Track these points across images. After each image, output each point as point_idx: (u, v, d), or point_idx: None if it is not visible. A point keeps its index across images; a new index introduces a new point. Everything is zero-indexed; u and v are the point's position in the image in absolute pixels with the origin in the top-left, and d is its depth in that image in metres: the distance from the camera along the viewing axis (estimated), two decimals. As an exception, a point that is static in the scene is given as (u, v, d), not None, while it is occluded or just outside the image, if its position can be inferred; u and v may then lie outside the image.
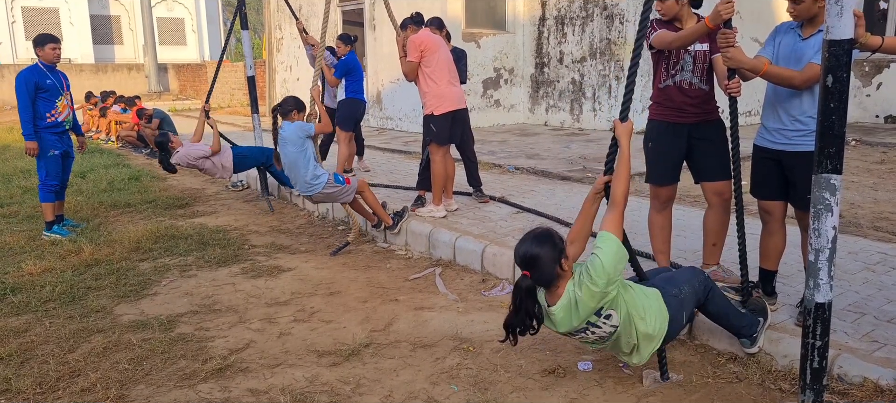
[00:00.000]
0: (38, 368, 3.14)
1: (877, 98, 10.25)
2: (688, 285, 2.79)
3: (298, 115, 4.89)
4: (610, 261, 2.50)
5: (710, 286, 2.86)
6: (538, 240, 2.52)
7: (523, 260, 2.53)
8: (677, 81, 3.34)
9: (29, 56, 23.75)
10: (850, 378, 2.66)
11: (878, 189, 6.00)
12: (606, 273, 2.49)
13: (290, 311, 3.86)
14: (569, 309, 2.56)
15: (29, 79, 5.29)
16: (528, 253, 2.51)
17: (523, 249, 2.54)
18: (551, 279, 2.54)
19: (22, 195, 7.19)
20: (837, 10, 2.08)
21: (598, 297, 2.52)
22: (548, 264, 2.49)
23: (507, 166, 7.39)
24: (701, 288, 2.82)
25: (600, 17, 10.31)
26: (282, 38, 15.24)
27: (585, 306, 2.53)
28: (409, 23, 5.45)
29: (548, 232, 2.55)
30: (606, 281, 2.50)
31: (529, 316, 2.52)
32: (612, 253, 2.52)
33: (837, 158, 2.20)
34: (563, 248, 2.53)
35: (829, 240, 2.25)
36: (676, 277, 2.85)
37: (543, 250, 2.49)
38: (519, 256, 2.55)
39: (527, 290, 2.51)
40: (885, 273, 3.72)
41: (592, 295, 2.51)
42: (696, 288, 2.81)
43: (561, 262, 2.51)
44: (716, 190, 3.41)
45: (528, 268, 2.52)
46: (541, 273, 2.52)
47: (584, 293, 2.51)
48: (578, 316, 2.56)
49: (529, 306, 2.51)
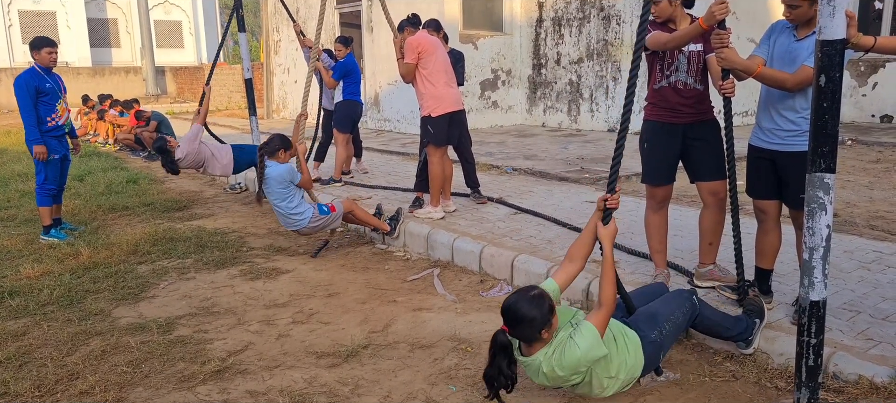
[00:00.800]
0: (37, 371, 3.15)
1: (873, 98, 10.29)
2: (670, 323, 2.81)
3: (284, 155, 4.81)
4: (583, 356, 2.50)
5: (697, 311, 2.89)
6: (530, 303, 2.49)
7: (509, 316, 2.51)
8: (672, 82, 3.36)
9: (26, 60, 23.73)
10: (846, 376, 2.68)
11: (874, 188, 6.03)
12: (576, 367, 2.52)
13: (289, 313, 3.87)
14: (536, 369, 2.58)
15: (29, 82, 5.26)
16: (516, 312, 2.49)
17: (513, 306, 2.51)
18: (530, 341, 2.55)
19: (19, 198, 7.19)
20: (830, 10, 2.10)
21: (560, 380, 2.57)
22: (531, 329, 2.49)
23: (505, 167, 7.41)
24: (687, 317, 2.87)
25: (597, 18, 10.34)
26: (279, 41, 15.25)
27: (552, 375, 2.55)
28: (406, 25, 5.47)
29: (541, 297, 2.52)
30: (572, 372, 2.53)
31: (502, 374, 2.49)
32: (587, 350, 2.51)
33: (831, 157, 2.22)
34: (550, 318, 2.51)
35: (824, 239, 2.26)
36: (660, 313, 2.85)
37: (532, 314, 2.47)
38: (506, 310, 2.52)
39: (501, 346, 2.50)
40: (881, 271, 3.73)
41: (556, 377, 2.55)
42: (680, 321, 2.84)
43: (542, 332, 2.50)
44: (711, 189, 3.43)
45: (510, 325, 2.51)
46: (521, 333, 2.53)
47: (547, 370, 2.53)
48: (545, 380, 2.59)
49: (502, 364, 2.49)
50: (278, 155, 4.78)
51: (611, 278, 2.64)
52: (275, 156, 4.77)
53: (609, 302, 2.61)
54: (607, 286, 2.63)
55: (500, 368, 2.49)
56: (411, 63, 5.10)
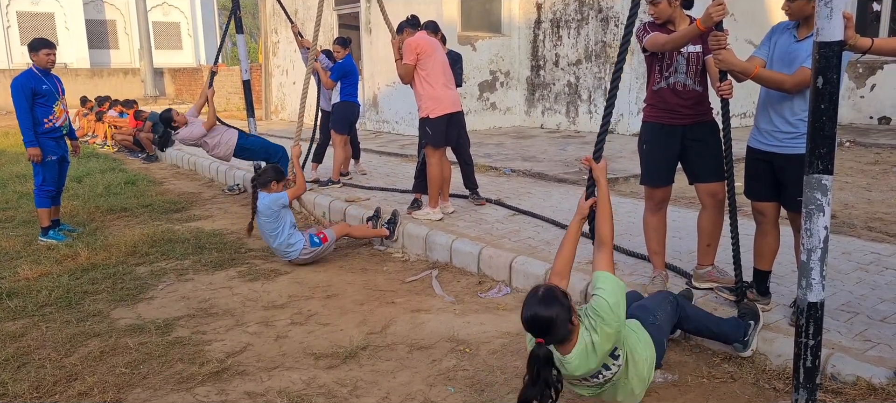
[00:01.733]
0: (35, 372, 3.14)
1: (871, 99, 10.31)
2: (661, 310, 2.80)
3: (277, 186, 4.81)
4: (615, 300, 2.41)
5: (679, 306, 2.89)
6: (547, 302, 2.32)
7: (535, 326, 2.33)
8: (671, 83, 3.36)
9: (24, 61, 23.71)
10: (844, 377, 2.68)
11: (872, 189, 6.04)
12: (615, 312, 2.40)
13: (287, 314, 3.86)
14: (585, 354, 2.42)
15: (25, 84, 5.26)
16: (540, 317, 2.31)
17: (534, 314, 2.33)
18: (566, 337, 2.39)
19: (18, 200, 7.18)
20: (827, 11, 2.10)
21: (614, 337, 2.43)
22: (562, 324, 2.33)
23: (503, 169, 7.41)
24: (672, 311, 2.86)
25: (595, 19, 10.35)
26: (278, 42, 15.25)
27: (602, 348, 2.41)
28: (405, 26, 5.47)
29: (553, 292, 2.37)
30: (618, 320, 2.41)
31: (548, 385, 2.30)
32: (615, 291, 2.43)
33: (828, 159, 2.22)
34: (570, 304, 2.38)
35: (821, 240, 2.27)
36: (648, 305, 2.85)
37: (554, 311, 2.32)
38: (529, 322, 2.34)
39: (545, 359, 2.30)
40: (879, 273, 3.74)
41: (608, 336, 2.41)
42: (668, 313, 2.83)
43: (572, 318, 2.36)
44: (710, 191, 3.43)
45: (542, 334, 2.32)
46: (555, 335, 2.36)
47: (600, 336, 2.39)
48: (596, 359, 2.43)
49: (547, 375, 2.30)
50: (270, 186, 4.78)
51: (608, 215, 2.65)
52: (267, 187, 4.78)
53: (609, 239, 2.61)
54: (607, 223, 2.63)
55: (547, 381, 2.31)
56: (410, 64, 5.11)
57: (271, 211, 4.69)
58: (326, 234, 4.84)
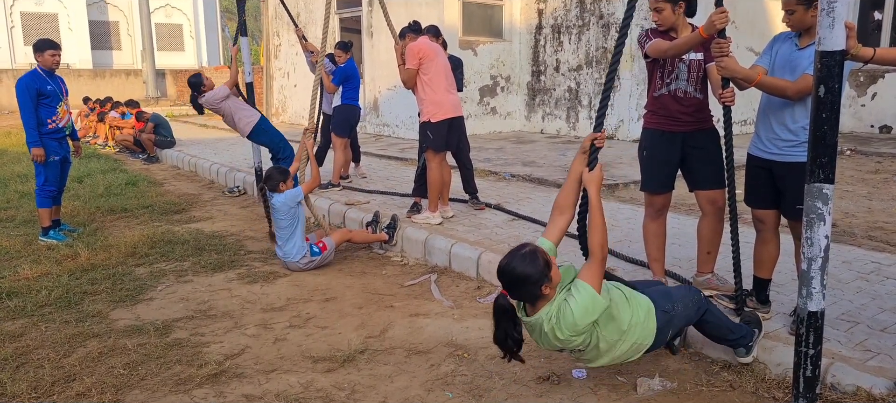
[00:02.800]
0: (34, 372, 3.14)
1: (871, 108, 10.32)
2: (682, 303, 2.78)
3: (285, 185, 4.81)
4: (580, 316, 2.46)
5: (704, 307, 2.84)
6: (524, 260, 2.43)
7: (505, 277, 2.47)
8: (672, 90, 3.37)
9: (27, 61, 23.76)
10: (844, 387, 2.67)
11: (873, 198, 6.04)
12: (575, 326, 2.47)
13: (286, 317, 3.86)
14: (536, 332, 2.56)
15: (31, 85, 5.27)
16: (514, 271, 2.44)
17: (507, 267, 2.46)
18: (532, 300, 2.51)
19: (19, 200, 7.18)
20: (829, 21, 2.11)
21: (563, 343, 2.53)
22: (530, 287, 2.44)
23: (503, 173, 7.42)
24: (694, 309, 2.82)
25: (596, 25, 10.37)
26: (280, 45, 15.27)
27: (549, 342, 2.53)
28: (407, 31, 5.49)
29: (534, 253, 2.46)
30: (572, 333, 2.48)
31: (508, 336, 2.48)
32: (583, 308, 2.46)
33: (830, 168, 2.22)
34: (547, 272, 2.45)
35: (822, 249, 2.26)
36: (673, 293, 2.84)
37: (527, 272, 2.42)
38: (502, 272, 2.47)
39: (502, 310, 2.47)
40: (879, 282, 3.74)
41: (557, 339, 2.51)
42: (689, 309, 2.80)
43: (542, 288, 2.45)
44: (710, 198, 3.43)
45: (508, 287, 2.47)
46: (520, 293, 2.49)
47: (548, 330, 2.50)
48: (542, 343, 2.58)
49: (507, 326, 2.47)
50: (280, 187, 4.79)
51: (599, 226, 2.59)
52: (277, 189, 4.79)
53: (599, 251, 2.55)
54: (596, 234, 2.58)
55: (506, 331, 2.47)
56: (412, 69, 5.12)
57: (288, 208, 4.71)
58: (325, 243, 4.83)
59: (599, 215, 2.61)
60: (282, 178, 4.85)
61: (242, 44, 7.18)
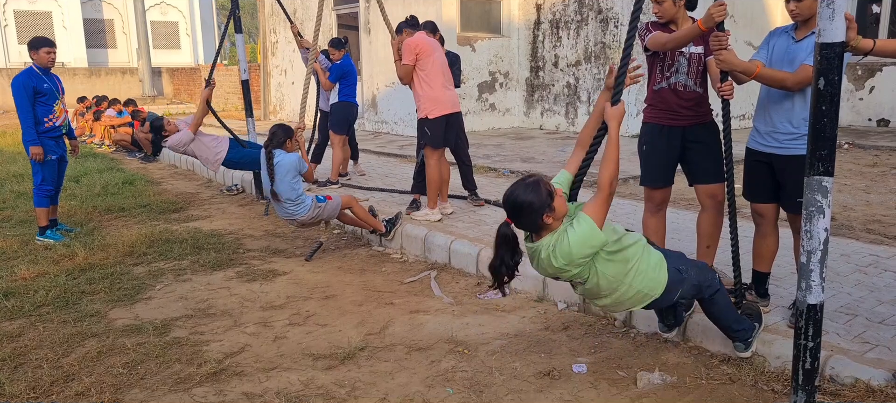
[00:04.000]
0: (32, 372, 3.13)
1: (869, 102, 10.33)
2: (695, 271, 2.79)
3: (290, 142, 4.82)
4: (576, 246, 2.51)
5: (716, 287, 2.83)
6: (527, 189, 2.51)
7: (508, 205, 2.54)
8: (671, 83, 3.36)
9: (21, 60, 23.66)
10: (842, 379, 2.68)
11: (871, 192, 6.05)
12: (570, 255, 2.53)
13: (286, 315, 3.85)
14: (536, 258, 2.63)
15: (27, 83, 5.24)
16: (516, 199, 2.52)
17: (510, 195, 2.54)
18: (535, 229, 2.58)
19: (15, 200, 7.15)
20: (829, 13, 2.10)
21: (557, 271, 2.60)
22: (532, 215, 2.51)
23: (502, 169, 7.41)
24: (706, 284, 2.80)
25: (595, 20, 10.36)
26: (276, 42, 15.23)
27: (544, 269, 2.62)
28: (404, 26, 5.47)
29: (537, 183, 2.54)
30: (567, 262, 2.55)
31: (505, 264, 2.54)
32: (581, 239, 2.51)
33: (829, 161, 2.22)
34: (550, 202, 2.52)
35: (821, 242, 2.27)
36: (688, 260, 2.86)
37: (528, 199, 2.50)
38: (505, 200, 2.56)
39: (503, 237, 2.53)
40: (877, 275, 3.74)
41: (552, 266, 2.58)
42: (701, 281, 2.78)
43: (544, 217, 2.52)
44: (709, 192, 3.43)
45: (511, 215, 2.54)
46: (523, 222, 2.55)
47: (545, 256, 2.57)
48: (540, 269, 2.65)
49: (505, 254, 2.53)
50: (285, 145, 4.81)
51: (612, 160, 2.62)
52: (282, 146, 4.80)
53: (607, 187, 2.59)
54: (607, 168, 2.61)
55: (502, 259, 2.53)
56: (409, 64, 5.10)
57: (293, 169, 4.70)
58: (332, 196, 4.91)
59: (614, 150, 2.65)
60: (286, 136, 4.84)
61: (237, 40, 7.17)
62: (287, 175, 4.68)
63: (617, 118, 2.69)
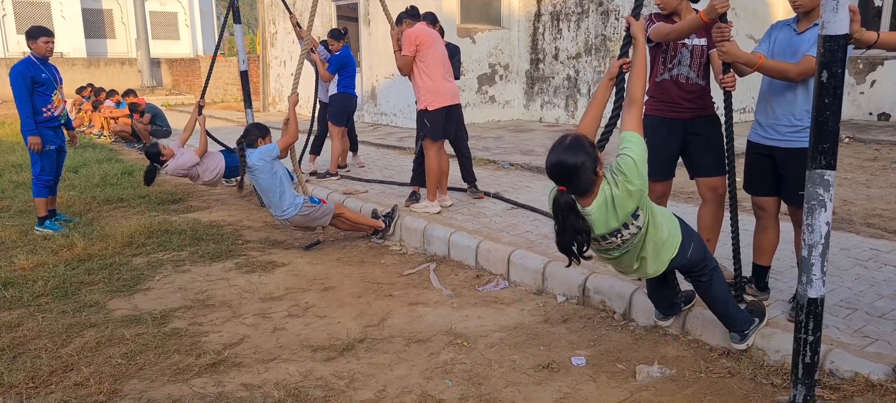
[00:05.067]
0: (31, 362, 3.12)
1: (870, 95, 10.30)
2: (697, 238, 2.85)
3: (262, 141, 4.81)
4: (641, 159, 2.47)
5: (714, 266, 2.86)
6: (573, 150, 2.39)
7: (559, 173, 2.40)
8: (674, 75, 3.35)
9: (20, 50, 23.56)
10: (842, 374, 2.68)
11: (871, 186, 6.04)
12: (639, 171, 2.45)
13: (285, 306, 3.85)
14: (605, 208, 2.47)
15: (25, 72, 5.22)
16: (565, 163, 2.38)
17: (558, 160, 2.40)
18: (589, 187, 2.45)
19: (14, 190, 7.13)
20: (833, 4, 2.09)
21: (637, 196, 2.48)
22: (586, 173, 2.39)
23: (501, 162, 7.40)
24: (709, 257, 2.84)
25: (596, 13, 10.31)
26: (276, 33, 15.17)
27: (623, 205, 2.46)
28: (404, 17, 5.44)
29: (580, 140, 2.44)
30: (641, 178, 2.46)
31: (577, 231, 2.41)
32: (641, 151, 2.49)
33: (831, 154, 2.21)
34: (596, 155, 2.45)
35: (823, 236, 2.26)
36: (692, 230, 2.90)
37: (580, 159, 2.38)
38: (553, 168, 2.41)
39: (567, 206, 2.39)
40: (877, 269, 3.74)
41: (630, 194, 2.46)
42: (705, 252, 2.82)
43: (597, 169, 2.43)
44: (710, 185, 3.42)
45: (565, 182, 2.39)
46: (578, 184, 2.42)
47: (621, 191, 2.44)
48: (617, 216, 2.49)
49: (574, 221, 2.39)
50: (256, 143, 4.82)
51: (643, 71, 2.68)
52: (254, 145, 4.81)
53: (639, 96, 2.62)
54: (639, 79, 2.66)
55: (574, 228, 2.40)
56: (409, 56, 5.08)
57: (265, 164, 4.70)
58: (326, 200, 4.92)
59: (643, 62, 2.72)
60: (260, 134, 4.86)
61: (237, 31, 7.13)
62: (262, 171, 4.70)
63: (642, 30, 2.79)
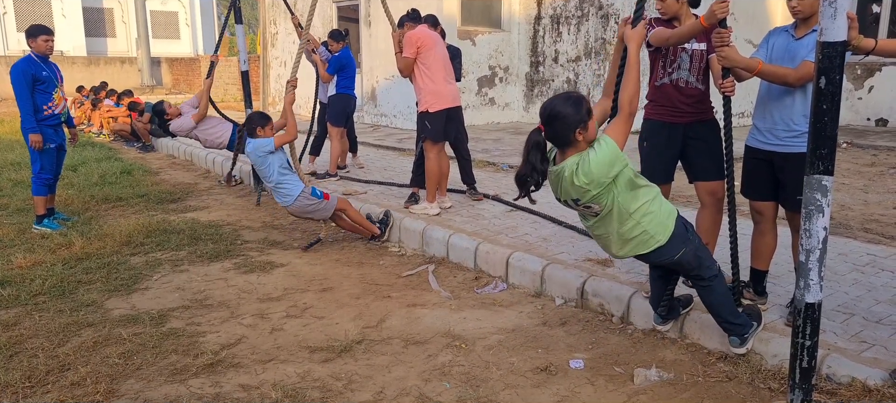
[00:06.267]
0: (28, 362, 3.12)
1: (868, 101, 10.32)
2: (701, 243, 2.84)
3: (262, 131, 4.87)
4: (598, 165, 2.55)
5: (716, 272, 2.85)
6: (565, 101, 2.55)
7: (546, 113, 2.57)
8: (674, 79, 3.36)
9: (20, 48, 23.54)
10: (839, 378, 2.68)
11: (869, 191, 6.05)
12: (592, 174, 2.55)
13: (283, 307, 3.85)
14: (557, 180, 2.65)
15: (26, 70, 5.22)
16: (553, 107, 2.55)
17: (550, 103, 2.58)
18: (565, 143, 2.60)
19: (12, 188, 7.13)
20: (831, 11, 2.10)
21: (579, 191, 2.61)
22: (565, 127, 2.54)
23: (501, 164, 7.40)
24: (707, 264, 2.81)
25: (596, 16, 10.33)
26: (276, 34, 15.17)
27: (566, 190, 2.63)
28: (406, 20, 5.45)
29: (578, 97, 2.58)
30: (589, 181, 2.57)
31: (534, 170, 2.56)
32: (604, 159, 2.55)
33: (829, 159, 2.22)
34: (586, 120, 2.55)
35: (820, 241, 2.26)
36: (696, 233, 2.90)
37: (566, 110, 2.53)
38: (544, 109, 2.59)
39: (534, 143, 2.56)
40: (875, 274, 3.75)
41: (573, 186, 2.60)
42: (703, 257, 2.81)
43: (577, 131, 2.54)
44: (709, 189, 3.43)
45: (546, 124, 2.56)
46: (555, 133, 2.58)
47: (568, 174, 2.59)
48: (560, 192, 2.68)
49: (535, 159, 2.56)
50: (256, 132, 4.89)
51: (633, 81, 2.68)
52: (253, 134, 4.89)
53: (628, 107, 2.65)
54: (628, 89, 2.67)
55: (533, 165, 2.56)
56: (410, 57, 5.08)
57: (257, 157, 4.84)
58: (329, 195, 4.96)
59: (635, 70, 2.71)
60: (260, 124, 4.93)
61: (238, 31, 7.14)
62: (257, 158, 4.83)
63: (636, 40, 2.77)
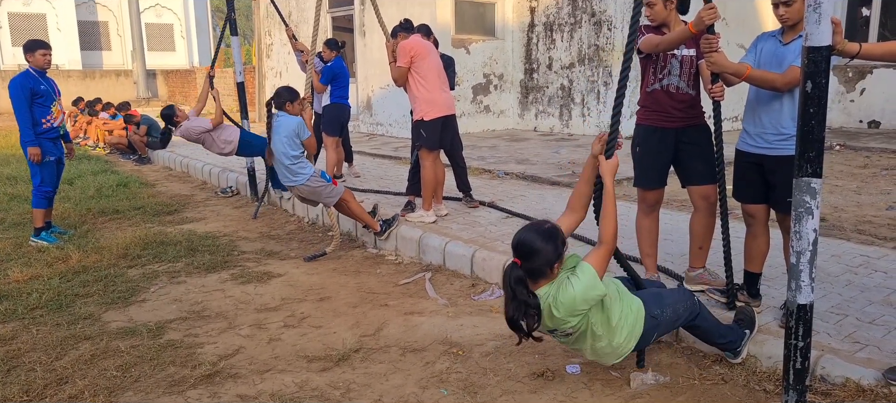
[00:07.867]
0: (25, 375, 3.12)
1: (860, 103, 10.40)
2: (672, 308, 2.79)
3: (291, 107, 4.93)
4: (580, 296, 2.49)
5: (697, 311, 2.85)
6: (544, 236, 2.49)
7: (521, 249, 2.51)
8: (664, 85, 3.39)
9: (15, 62, 23.56)
10: (833, 379, 2.70)
11: (862, 193, 6.09)
12: (572, 306, 2.50)
13: (280, 317, 3.86)
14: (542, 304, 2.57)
15: (25, 84, 5.25)
16: (529, 244, 2.49)
17: (526, 238, 2.51)
18: (539, 276, 2.54)
19: (8, 202, 7.12)
20: (816, 17, 2.13)
21: (556, 322, 2.56)
22: (543, 263, 2.49)
23: (496, 171, 7.43)
24: (686, 313, 2.82)
25: (589, 23, 10.40)
26: (271, 44, 15.22)
27: (556, 314, 2.55)
28: (399, 30, 5.49)
29: (553, 230, 2.53)
30: (568, 313, 2.52)
31: (527, 305, 2.47)
32: (585, 289, 2.49)
33: (817, 162, 2.25)
34: (562, 252, 2.51)
35: (810, 243, 2.29)
36: (665, 297, 2.85)
37: (545, 247, 2.47)
38: (519, 241, 2.52)
39: (517, 279, 2.48)
40: (867, 275, 3.78)
41: (551, 317, 2.54)
42: (680, 313, 2.80)
43: (554, 266, 2.51)
44: (702, 193, 3.46)
45: (522, 258, 2.50)
46: (532, 267, 2.51)
47: (545, 309, 2.52)
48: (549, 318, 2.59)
49: (522, 294, 2.47)
50: (286, 106, 4.89)
51: (611, 215, 2.63)
52: (283, 107, 4.89)
53: (609, 240, 2.60)
54: (607, 223, 2.62)
55: (524, 301, 2.46)
56: (404, 67, 5.12)
57: (291, 132, 4.80)
58: (337, 182, 5.00)
59: (612, 204, 2.66)
60: (289, 98, 4.93)
61: (233, 43, 7.17)
62: (285, 134, 4.80)
63: (611, 172, 2.72)
